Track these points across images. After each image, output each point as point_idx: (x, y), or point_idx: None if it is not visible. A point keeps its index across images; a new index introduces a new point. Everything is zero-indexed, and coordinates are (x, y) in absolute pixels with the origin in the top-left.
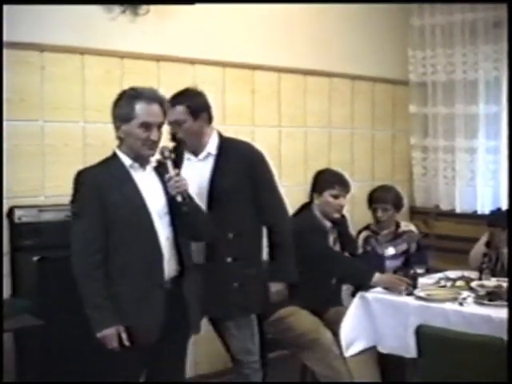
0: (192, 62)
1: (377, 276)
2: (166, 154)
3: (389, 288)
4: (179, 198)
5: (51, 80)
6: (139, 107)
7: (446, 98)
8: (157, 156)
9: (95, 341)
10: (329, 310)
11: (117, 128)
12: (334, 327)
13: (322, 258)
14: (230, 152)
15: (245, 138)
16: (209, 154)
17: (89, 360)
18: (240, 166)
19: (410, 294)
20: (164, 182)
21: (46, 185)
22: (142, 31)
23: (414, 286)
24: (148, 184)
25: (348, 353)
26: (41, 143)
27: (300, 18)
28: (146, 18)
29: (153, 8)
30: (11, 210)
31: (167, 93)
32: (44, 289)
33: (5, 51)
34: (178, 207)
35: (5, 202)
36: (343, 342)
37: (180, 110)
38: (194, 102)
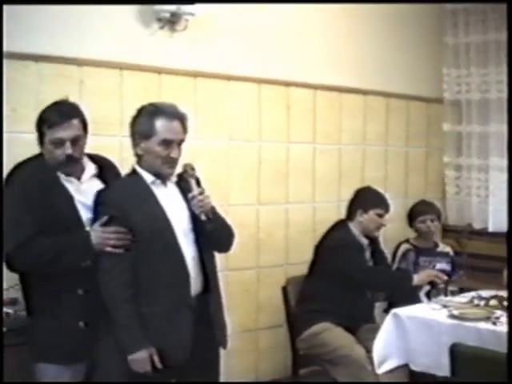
0: (228, 78)
1: (415, 277)
2: (190, 171)
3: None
4: (203, 217)
5: (90, 94)
6: (160, 124)
7: (480, 116)
8: (177, 171)
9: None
10: (362, 327)
11: (136, 145)
12: (366, 344)
13: (363, 273)
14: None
15: (280, 154)
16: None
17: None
18: None
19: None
20: (187, 198)
21: None
22: (179, 47)
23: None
24: (170, 200)
25: (380, 370)
26: None
27: (335, 36)
28: (183, 34)
29: (190, 24)
30: None
31: (204, 108)
32: None
33: (44, 65)
34: (203, 226)
35: None
36: (376, 359)
37: (76, 124)
38: (83, 115)
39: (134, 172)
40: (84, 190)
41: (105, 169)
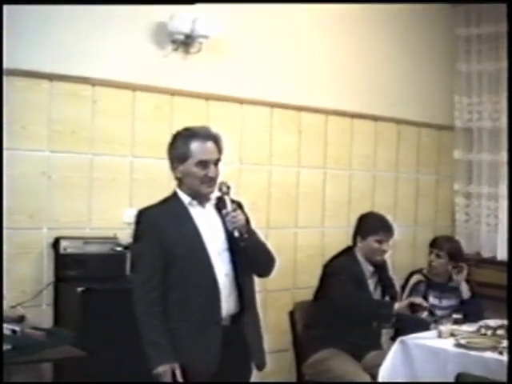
0: (240, 101)
1: (396, 304)
2: (224, 189)
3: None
4: (236, 234)
5: (102, 114)
6: (194, 146)
7: (491, 144)
8: (217, 193)
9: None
10: (368, 354)
11: (174, 168)
12: (372, 371)
13: (345, 300)
14: None
15: (290, 178)
16: None
17: None
18: None
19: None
20: (224, 218)
21: (92, 217)
22: (192, 69)
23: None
24: (207, 220)
25: None
26: (89, 176)
27: (348, 62)
28: (197, 56)
29: (204, 47)
30: (57, 241)
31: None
32: (87, 320)
33: (56, 84)
34: (236, 243)
35: (51, 232)
36: None
37: None
38: None
39: (174, 194)
40: None
41: None
